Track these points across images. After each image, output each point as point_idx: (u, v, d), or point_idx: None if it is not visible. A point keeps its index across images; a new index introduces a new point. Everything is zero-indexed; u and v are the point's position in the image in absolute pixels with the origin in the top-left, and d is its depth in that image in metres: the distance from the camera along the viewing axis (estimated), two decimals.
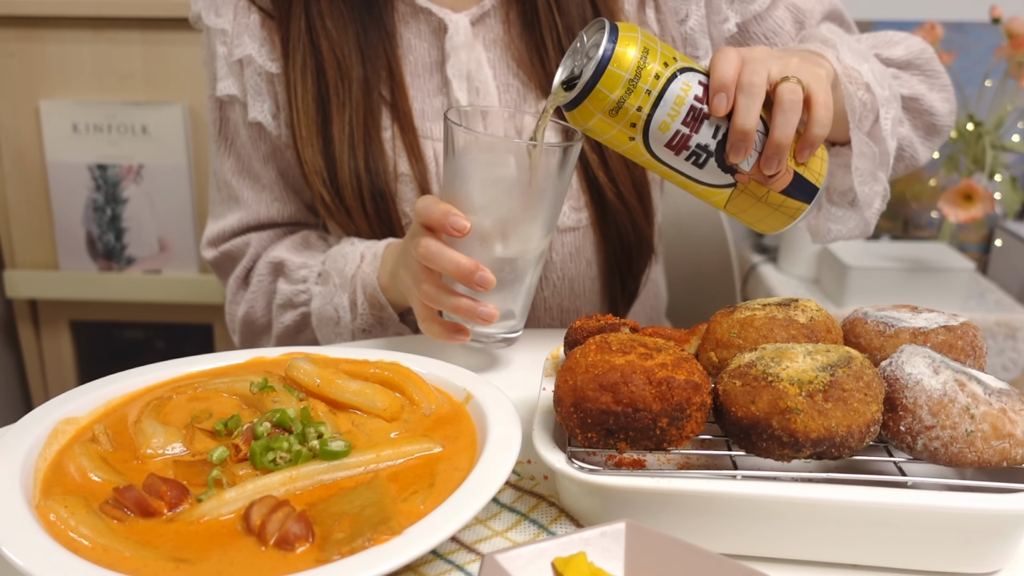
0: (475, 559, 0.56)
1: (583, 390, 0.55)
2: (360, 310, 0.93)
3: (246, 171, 1.04)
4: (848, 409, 0.53)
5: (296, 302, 1.00)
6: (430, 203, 0.76)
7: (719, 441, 0.60)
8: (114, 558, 0.48)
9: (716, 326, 0.65)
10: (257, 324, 1.06)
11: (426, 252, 0.75)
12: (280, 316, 1.02)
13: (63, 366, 1.97)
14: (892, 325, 0.64)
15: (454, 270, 0.74)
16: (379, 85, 0.96)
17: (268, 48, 0.97)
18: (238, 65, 0.98)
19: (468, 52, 0.96)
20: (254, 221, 1.05)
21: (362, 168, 0.94)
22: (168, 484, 0.54)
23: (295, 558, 0.49)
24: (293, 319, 1.01)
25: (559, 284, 1.03)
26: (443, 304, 0.77)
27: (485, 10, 0.97)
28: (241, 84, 0.99)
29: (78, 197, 1.82)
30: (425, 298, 0.78)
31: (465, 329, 0.79)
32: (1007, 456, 0.54)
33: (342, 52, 0.94)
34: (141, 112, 1.77)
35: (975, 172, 1.82)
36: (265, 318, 1.05)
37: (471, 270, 0.74)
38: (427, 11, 0.96)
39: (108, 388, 0.67)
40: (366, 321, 0.94)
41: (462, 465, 0.58)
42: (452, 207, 0.74)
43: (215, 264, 1.09)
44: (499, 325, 0.80)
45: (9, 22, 1.72)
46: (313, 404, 0.64)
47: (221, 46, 0.98)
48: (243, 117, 1.01)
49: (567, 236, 1.01)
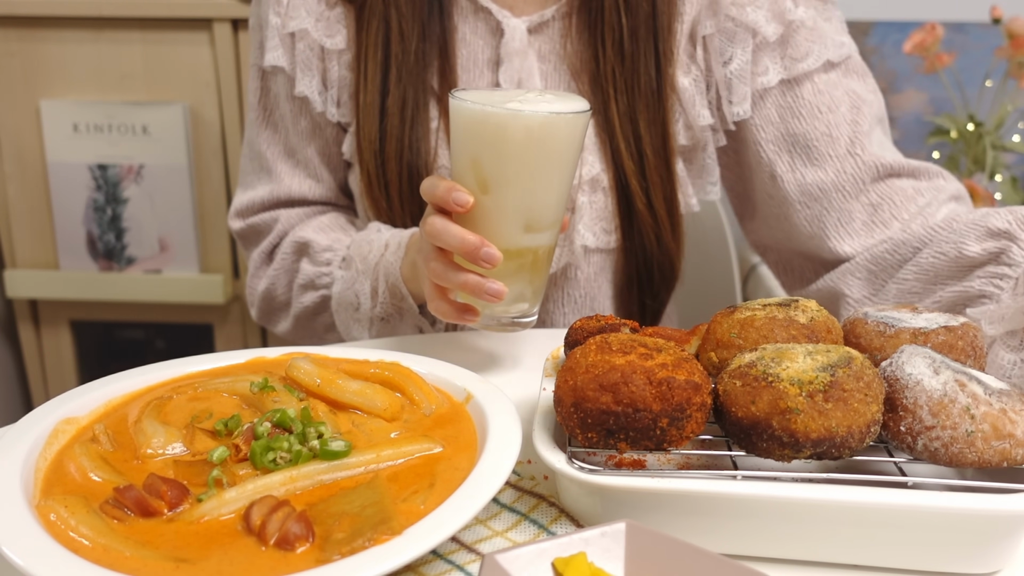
0: (475, 559, 0.56)
1: (583, 390, 0.55)
2: (381, 298, 0.93)
3: (282, 144, 1.05)
4: (848, 409, 0.53)
5: (318, 284, 1.00)
6: (435, 181, 0.76)
7: (719, 441, 0.60)
8: (114, 558, 0.48)
9: (716, 326, 0.65)
10: (277, 301, 1.06)
11: (432, 229, 0.75)
12: (300, 296, 1.02)
13: (63, 366, 1.96)
14: (892, 325, 0.64)
15: (459, 245, 0.73)
16: (432, 70, 0.96)
17: (324, 24, 0.98)
18: (290, 38, 0.98)
19: (521, 60, 0.96)
20: (285, 196, 1.05)
21: (407, 145, 0.95)
22: (168, 484, 0.54)
23: (295, 558, 0.49)
24: (313, 300, 1.01)
25: (580, 302, 1.04)
26: (451, 281, 0.76)
27: (545, 19, 0.97)
28: (291, 57, 0.99)
29: (78, 197, 1.82)
30: (433, 275, 0.78)
31: (474, 309, 0.79)
32: (1007, 456, 0.54)
33: (409, 28, 0.95)
34: (141, 112, 1.77)
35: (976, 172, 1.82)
36: (285, 296, 1.05)
37: (476, 246, 0.73)
38: (486, 10, 0.97)
39: (108, 388, 0.67)
40: (385, 310, 0.93)
41: (462, 465, 0.58)
42: (456, 183, 0.74)
43: (241, 235, 1.10)
44: (510, 308, 0.79)
45: (9, 22, 1.72)
46: (313, 404, 0.64)
47: (275, 16, 0.98)
48: (287, 90, 1.01)
49: (594, 256, 1.01)
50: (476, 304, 0.78)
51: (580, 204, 0.97)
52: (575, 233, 0.98)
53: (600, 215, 0.98)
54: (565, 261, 1.00)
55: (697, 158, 1.00)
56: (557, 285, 1.03)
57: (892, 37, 2.11)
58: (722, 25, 0.95)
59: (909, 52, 1.79)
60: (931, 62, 1.79)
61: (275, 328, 1.11)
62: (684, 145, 0.99)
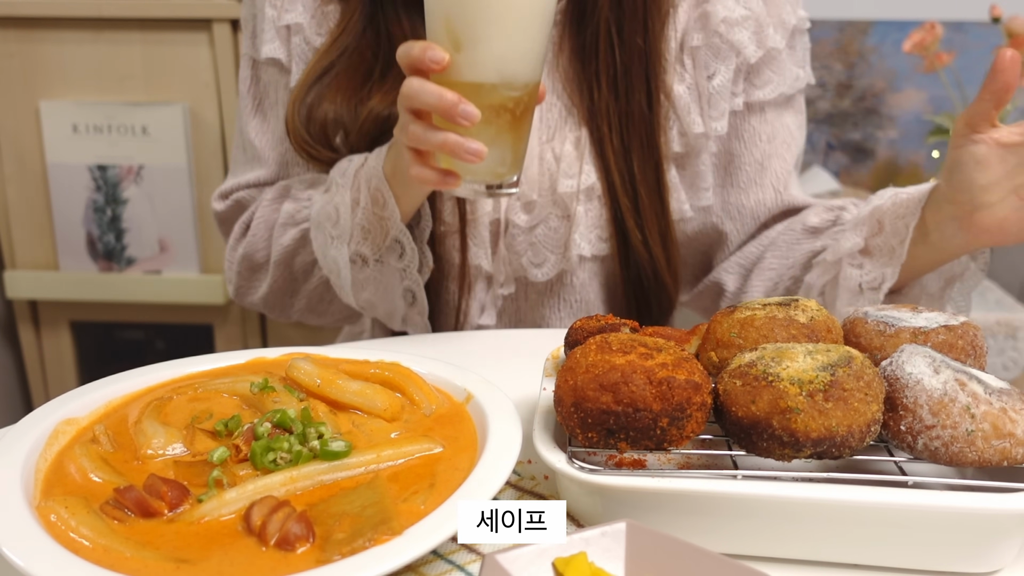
0: (475, 559, 0.56)
1: (583, 390, 0.55)
2: (362, 204, 0.88)
3: (272, 132, 1.04)
4: (848, 409, 0.53)
5: (298, 219, 0.98)
6: (410, 44, 0.75)
7: (719, 441, 0.60)
8: (115, 558, 0.48)
9: (716, 326, 0.65)
10: (256, 259, 1.03)
11: (408, 90, 0.75)
12: (280, 237, 0.99)
13: (63, 367, 1.97)
14: (892, 325, 0.64)
15: (436, 102, 0.73)
16: None
17: (318, 22, 0.98)
18: (286, 30, 0.98)
19: None
20: (273, 179, 1.04)
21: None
22: (169, 484, 0.54)
23: (296, 558, 0.49)
24: (292, 238, 0.98)
25: (576, 307, 1.04)
26: (430, 141, 0.76)
27: None
28: (287, 49, 0.99)
29: (78, 198, 1.82)
30: (412, 140, 0.77)
31: (455, 173, 0.78)
32: (1008, 455, 0.54)
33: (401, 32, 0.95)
34: (141, 112, 1.77)
35: None
36: (264, 251, 1.02)
37: (454, 102, 0.73)
38: None
39: (108, 389, 0.67)
40: (366, 218, 0.89)
41: (462, 465, 0.58)
42: (430, 43, 0.74)
43: (222, 217, 1.07)
44: (492, 172, 0.78)
45: (9, 22, 1.72)
46: (313, 404, 0.64)
47: (270, 8, 0.98)
48: (281, 81, 1.00)
49: (589, 263, 1.02)
50: (458, 168, 0.78)
51: (577, 213, 0.97)
52: (571, 241, 0.98)
53: (595, 223, 0.99)
54: (560, 267, 1.00)
55: (690, 164, 1.01)
56: (552, 291, 1.03)
57: (892, 36, 2.11)
58: (710, 40, 0.96)
59: (909, 51, 1.79)
60: (931, 61, 1.79)
61: (253, 298, 1.07)
62: (678, 152, 0.99)
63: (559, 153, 0.97)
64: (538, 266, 1.00)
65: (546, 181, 0.97)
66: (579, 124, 0.97)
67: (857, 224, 0.87)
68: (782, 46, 0.98)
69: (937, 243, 0.81)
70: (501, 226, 0.99)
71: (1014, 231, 0.75)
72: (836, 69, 2.17)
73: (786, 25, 0.99)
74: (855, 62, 2.16)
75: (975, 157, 0.74)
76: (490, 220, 0.98)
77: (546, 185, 0.97)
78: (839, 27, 2.14)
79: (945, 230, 0.79)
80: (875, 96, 2.18)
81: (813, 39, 1.03)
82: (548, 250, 1.00)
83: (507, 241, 0.99)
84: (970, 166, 0.75)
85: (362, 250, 0.90)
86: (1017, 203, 0.74)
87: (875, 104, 2.19)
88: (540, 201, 0.97)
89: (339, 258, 0.90)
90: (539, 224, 0.98)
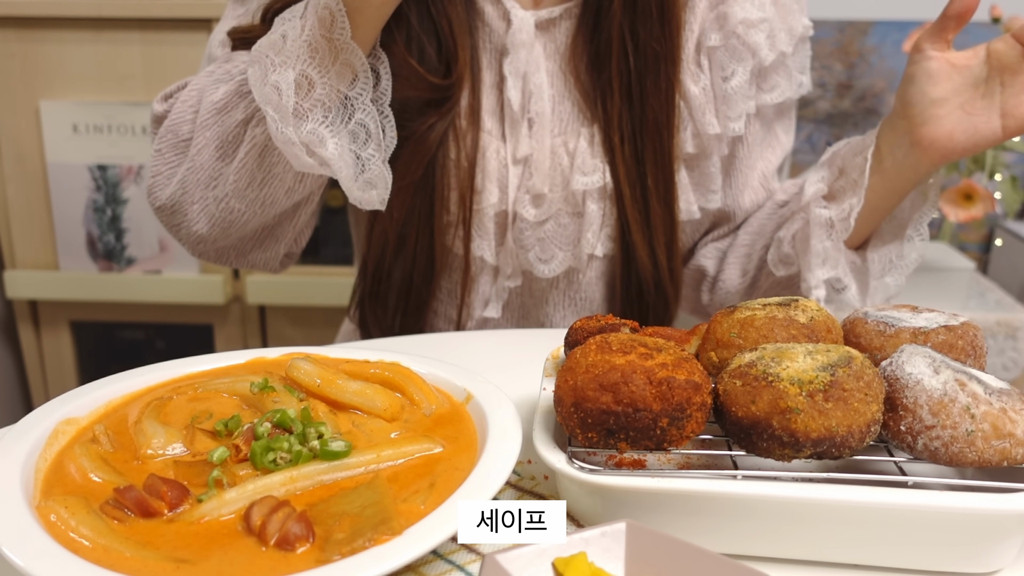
0: (475, 559, 0.56)
1: (583, 390, 0.55)
2: (309, 25, 0.78)
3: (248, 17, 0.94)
4: (848, 409, 0.53)
5: (233, 72, 0.87)
6: None
7: (719, 441, 0.60)
8: (115, 558, 0.48)
9: (716, 326, 0.65)
10: (182, 131, 0.89)
11: None
12: (212, 95, 0.87)
13: (63, 366, 1.97)
14: (892, 325, 0.64)
15: None
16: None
17: None
18: None
19: (528, 52, 0.95)
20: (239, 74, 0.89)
21: None
22: (168, 484, 0.54)
23: (295, 558, 0.49)
24: (226, 92, 0.86)
25: (581, 305, 1.04)
26: None
27: (552, 16, 0.97)
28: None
29: (78, 197, 1.82)
30: None
31: None
32: (1008, 456, 0.54)
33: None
34: (141, 112, 1.77)
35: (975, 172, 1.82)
36: (192, 121, 0.89)
37: None
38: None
39: (108, 388, 0.67)
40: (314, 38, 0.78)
41: (462, 465, 0.58)
42: None
43: (159, 119, 0.92)
44: None
45: (9, 22, 1.72)
46: (313, 404, 0.64)
47: None
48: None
49: (597, 263, 1.02)
50: None
51: (589, 211, 0.97)
52: (583, 239, 0.98)
53: (607, 223, 0.99)
54: (568, 265, 1.00)
55: (701, 166, 1.01)
56: (559, 288, 1.03)
57: (892, 36, 2.11)
58: (728, 41, 0.96)
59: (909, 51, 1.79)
60: None
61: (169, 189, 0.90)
62: (690, 153, 0.99)
63: (573, 149, 0.96)
64: (545, 262, 1.00)
65: (558, 176, 0.97)
66: (589, 122, 0.97)
67: (818, 170, 0.94)
68: (790, 52, 0.99)
69: (891, 169, 0.87)
70: (508, 218, 0.98)
71: (960, 140, 0.82)
72: (836, 69, 2.17)
73: (794, 32, 0.99)
74: (855, 62, 2.16)
75: (928, 72, 0.84)
76: (496, 212, 0.98)
77: (558, 180, 0.97)
78: (839, 27, 2.14)
79: (897, 152, 0.86)
80: (875, 96, 2.19)
81: (813, 39, 1.04)
82: (556, 246, 0.99)
83: (515, 234, 0.99)
84: (923, 80, 0.84)
85: (308, 71, 0.79)
86: (962, 116, 0.82)
87: (875, 104, 2.19)
88: (551, 196, 0.97)
89: (281, 81, 0.77)
90: (549, 219, 0.98)
